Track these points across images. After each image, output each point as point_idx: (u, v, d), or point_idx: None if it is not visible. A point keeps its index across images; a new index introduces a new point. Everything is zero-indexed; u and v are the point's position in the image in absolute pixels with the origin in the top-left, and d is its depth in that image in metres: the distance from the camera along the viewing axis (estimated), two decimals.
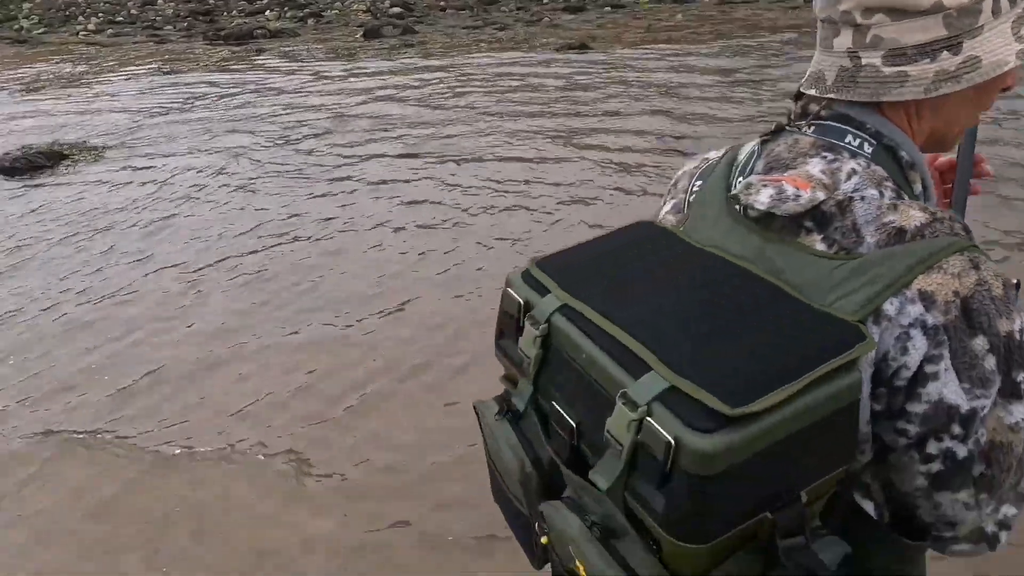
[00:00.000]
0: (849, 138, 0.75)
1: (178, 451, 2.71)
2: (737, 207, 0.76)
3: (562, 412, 0.73)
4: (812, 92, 0.78)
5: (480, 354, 2.89)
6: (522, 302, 0.77)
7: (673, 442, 0.57)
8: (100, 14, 18.43)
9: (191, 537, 2.31)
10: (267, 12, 16.59)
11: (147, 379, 3.12)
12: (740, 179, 0.79)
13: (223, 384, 3.07)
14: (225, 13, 17.21)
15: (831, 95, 0.76)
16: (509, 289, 0.80)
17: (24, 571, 2.25)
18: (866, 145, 0.74)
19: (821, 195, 0.71)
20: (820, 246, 0.71)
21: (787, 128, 0.80)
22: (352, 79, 8.83)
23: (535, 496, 0.78)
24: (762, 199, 0.71)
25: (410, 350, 3.17)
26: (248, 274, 3.96)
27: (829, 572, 0.61)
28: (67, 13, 19.39)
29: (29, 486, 2.59)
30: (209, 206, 5.00)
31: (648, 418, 0.59)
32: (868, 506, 0.74)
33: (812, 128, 0.77)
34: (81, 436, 2.83)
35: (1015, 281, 0.71)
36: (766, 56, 8.53)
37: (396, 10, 15.17)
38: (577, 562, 0.68)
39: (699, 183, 0.85)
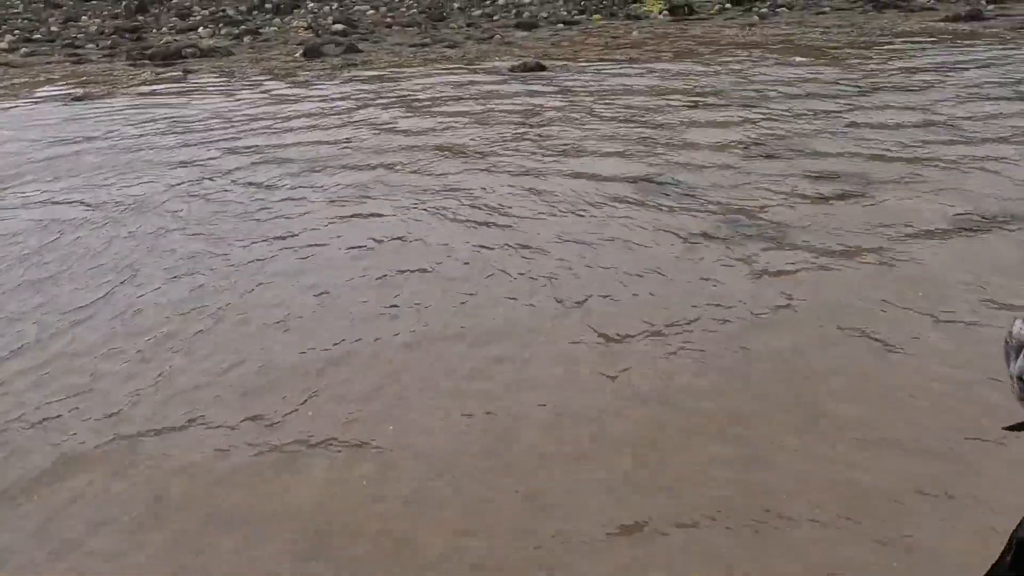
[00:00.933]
0: None
1: None
2: None
3: None
4: None
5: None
6: None
7: None
8: (16, 31, 16.97)
9: None
10: (200, 29, 15.47)
11: None
12: None
13: None
14: (154, 31, 16.00)
15: None
16: None
17: None
18: None
19: None
20: None
21: None
22: (286, 104, 7.91)
23: None
24: None
25: None
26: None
27: None
28: None
29: None
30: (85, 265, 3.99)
31: None
32: None
33: None
34: None
35: None
36: (741, 74, 7.96)
37: (339, 27, 14.26)
38: None
39: None
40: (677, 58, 9.52)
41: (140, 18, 18.40)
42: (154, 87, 9.53)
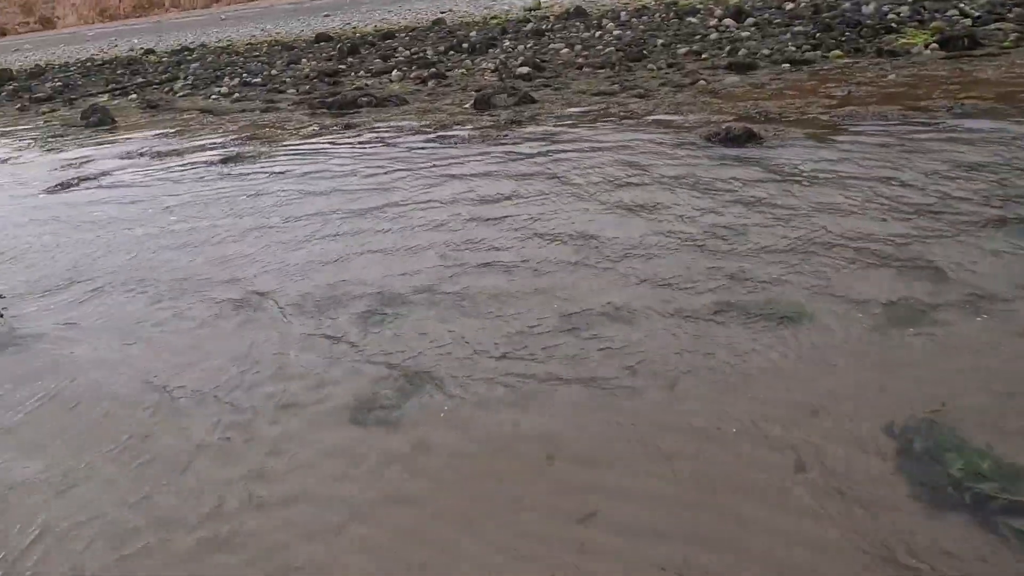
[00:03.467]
0: None
1: None
2: None
3: None
4: None
5: None
6: None
7: None
8: (244, 75, 17.87)
9: None
10: (393, 72, 14.88)
11: None
12: None
13: None
14: (352, 75, 15.77)
15: None
16: None
17: None
18: None
19: None
20: None
21: None
22: (414, 181, 6.30)
23: None
24: None
25: None
26: None
27: None
28: (218, 73, 19.17)
29: None
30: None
31: None
32: None
33: None
34: None
35: None
36: None
37: (524, 70, 12.70)
38: None
39: None
40: (959, 124, 6.40)
41: (350, 59, 18.58)
42: (304, 145, 8.54)
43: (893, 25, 12.73)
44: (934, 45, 10.60)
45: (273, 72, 17.96)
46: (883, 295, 3.30)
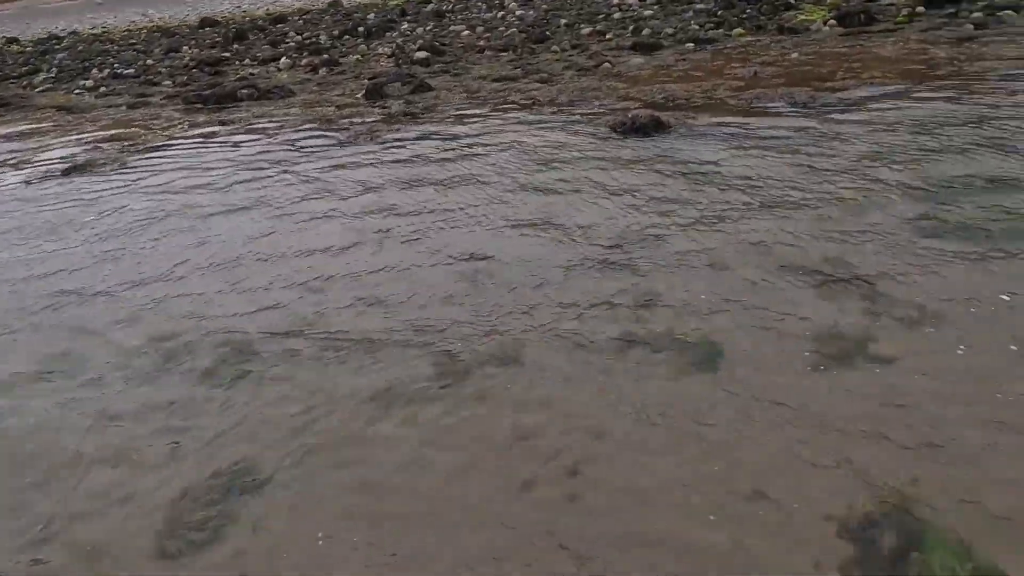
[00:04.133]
0: None
1: None
2: None
3: None
4: None
5: None
6: None
7: None
8: (115, 65, 16.08)
9: None
10: (282, 60, 13.65)
11: None
12: None
13: None
14: (237, 63, 14.40)
15: None
16: None
17: None
18: None
19: None
20: None
21: None
22: (260, 193, 5.44)
23: None
24: None
25: None
26: None
27: None
28: (86, 64, 17.22)
29: None
30: None
31: None
32: None
33: None
34: None
35: None
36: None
37: (422, 55, 11.84)
38: None
39: None
40: (868, 105, 6.13)
41: (236, 46, 17.07)
42: (166, 149, 7.44)
43: (792, 1, 12.63)
44: (832, 22, 10.48)
45: (149, 62, 16.26)
46: (812, 321, 2.82)
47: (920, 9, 10.70)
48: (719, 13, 12.32)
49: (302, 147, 6.75)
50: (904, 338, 2.68)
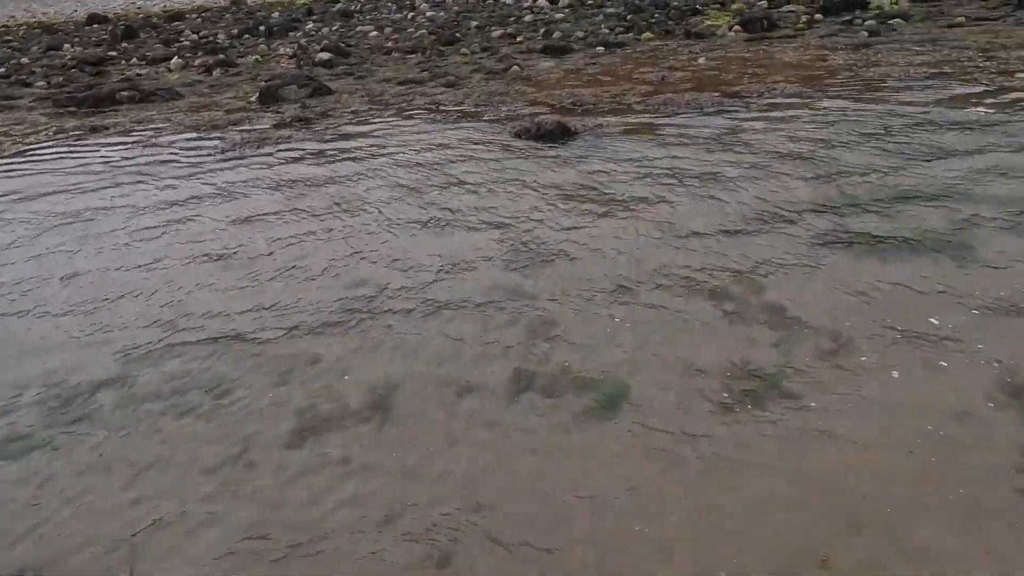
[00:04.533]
0: None
1: None
2: None
3: None
4: None
5: None
6: None
7: None
8: None
9: None
10: (174, 60, 12.65)
11: None
12: None
13: None
14: (123, 62, 13.27)
15: None
16: None
17: None
18: None
19: None
20: None
21: None
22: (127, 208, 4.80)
23: None
24: None
25: None
26: None
27: None
28: None
29: None
30: None
31: None
32: None
33: None
34: None
35: None
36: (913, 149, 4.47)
37: (325, 56, 11.19)
38: None
39: None
40: (772, 113, 6.06)
41: (125, 44, 15.80)
42: (19, 160, 6.55)
43: (698, 7, 12.74)
44: (737, 27, 10.59)
45: (23, 60, 14.79)
46: (723, 357, 2.54)
47: (818, 16, 10.98)
48: (629, 17, 12.27)
49: (173, 157, 6.06)
50: (816, 383, 2.43)
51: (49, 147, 6.96)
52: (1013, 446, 2.03)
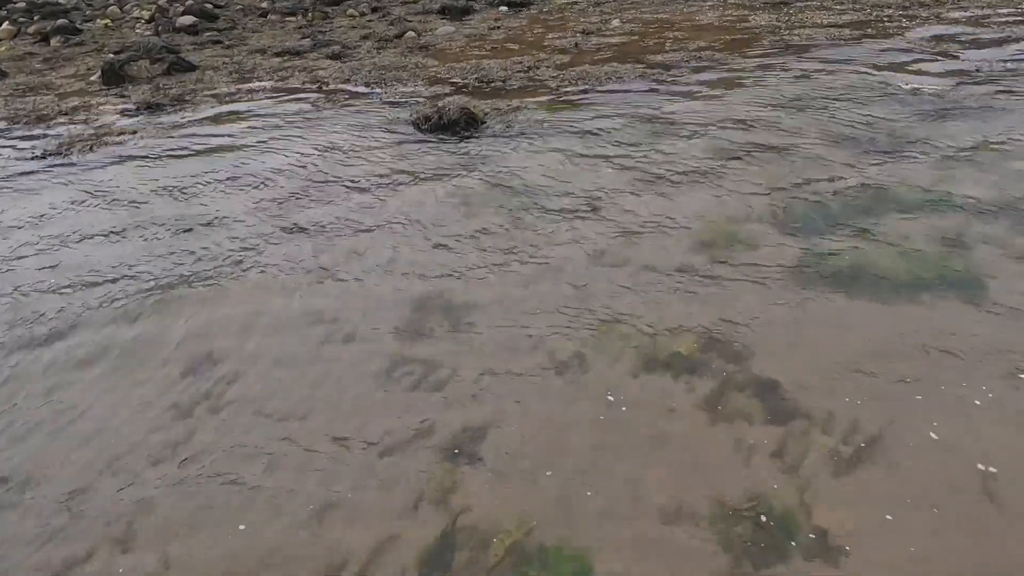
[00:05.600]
0: None
1: None
2: None
3: None
4: None
5: None
6: None
7: None
8: None
9: None
10: (4, 24, 10.59)
11: None
12: None
13: None
14: None
15: None
16: None
17: None
18: None
19: None
20: None
21: None
22: None
23: None
24: None
25: None
26: None
27: None
28: None
29: None
30: None
31: None
32: None
33: None
34: None
35: None
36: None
37: (189, 20, 9.59)
38: None
39: None
40: (703, 91, 5.36)
41: None
42: None
43: None
44: None
45: None
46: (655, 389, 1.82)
47: None
48: None
49: None
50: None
51: None
52: None
